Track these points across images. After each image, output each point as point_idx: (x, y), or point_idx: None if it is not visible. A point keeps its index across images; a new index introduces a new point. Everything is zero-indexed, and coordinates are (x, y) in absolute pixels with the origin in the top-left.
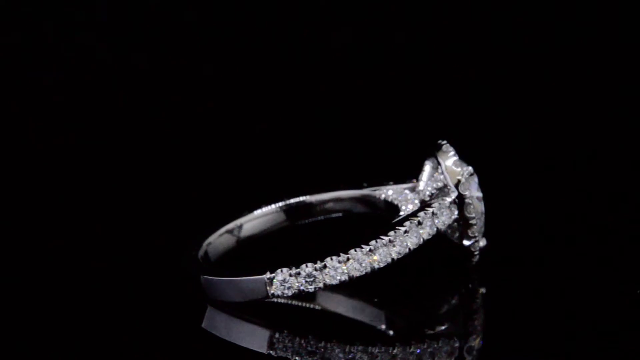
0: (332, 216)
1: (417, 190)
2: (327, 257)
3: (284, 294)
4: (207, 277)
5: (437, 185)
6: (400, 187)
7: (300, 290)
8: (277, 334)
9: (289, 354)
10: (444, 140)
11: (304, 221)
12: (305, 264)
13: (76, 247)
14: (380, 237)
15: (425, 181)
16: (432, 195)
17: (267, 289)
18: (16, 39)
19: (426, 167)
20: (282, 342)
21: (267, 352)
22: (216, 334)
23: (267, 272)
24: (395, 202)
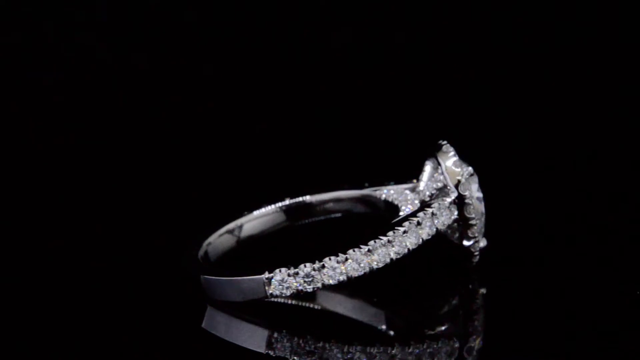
0: (332, 216)
1: (417, 190)
2: (326, 257)
3: (283, 294)
4: (206, 277)
5: (437, 185)
6: (400, 187)
7: (298, 290)
8: (275, 333)
9: (287, 354)
10: (444, 140)
11: (304, 221)
12: (303, 264)
13: (76, 247)
14: (379, 237)
15: (425, 181)
16: (432, 195)
17: (266, 289)
18: (16, 39)
19: (426, 167)
20: (281, 341)
21: (266, 351)
22: (216, 333)
23: (265, 272)
24: (395, 202)
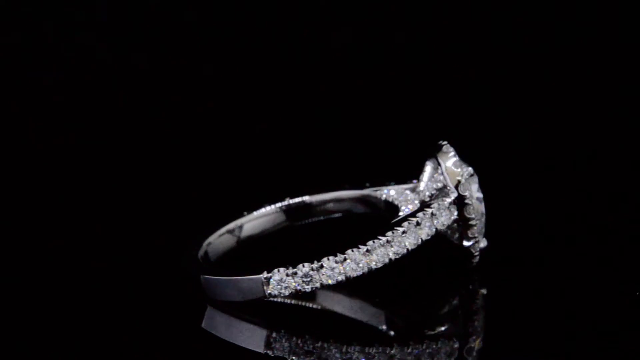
0: (332, 216)
1: (417, 190)
2: (325, 258)
3: (282, 294)
4: (206, 276)
5: (437, 185)
6: (401, 188)
7: (297, 290)
8: (274, 333)
9: (286, 354)
10: (445, 140)
11: (304, 221)
12: (302, 264)
13: (76, 247)
14: (377, 237)
15: (425, 182)
16: (432, 195)
17: (264, 289)
18: (16, 39)
19: (427, 167)
20: (279, 341)
21: (264, 351)
22: (215, 333)
23: (264, 272)
24: (395, 202)
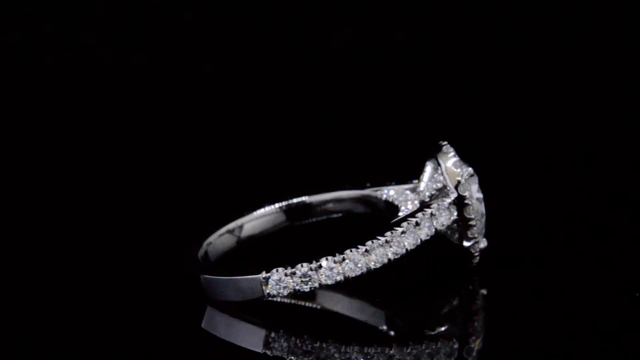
0: (332, 217)
1: (417, 191)
2: (323, 258)
3: (280, 294)
4: (206, 276)
5: (437, 186)
6: (401, 188)
7: (295, 290)
8: (273, 333)
9: (284, 354)
10: (445, 140)
11: (304, 221)
12: (300, 264)
13: (76, 247)
14: (376, 237)
15: (426, 182)
16: (432, 196)
17: (263, 289)
18: (16, 39)
19: (427, 167)
20: (278, 341)
21: (263, 351)
22: (215, 333)
23: (263, 271)
24: (395, 202)
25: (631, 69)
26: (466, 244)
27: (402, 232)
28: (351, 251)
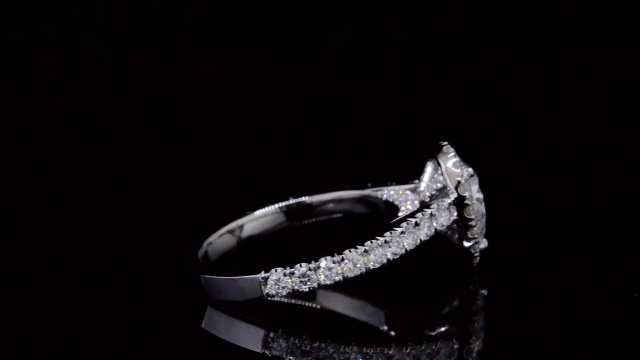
0: (333, 217)
1: (417, 191)
2: (322, 257)
3: (279, 294)
4: (205, 276)
5: (437, 186)
6: (401, 188)
7: (294, 289)
8: (271, 333)
9: (283, 354)
10: (445, 141)
11: (305, 222)
12: (299, 264)
13: (76, 247)
14: (375, 237)
15: (426, 182)
16: (432, 196)
17: (262, 288)
18: (16, 39)
19: (428, 168)
20: (277, 341)
21: (262, 351)
22: (215, 333)
23: (261, 271)
24: (396, 202)
25: (631, 69)
26: (466, 244)
27: (402, 233)
28: (350, 251)
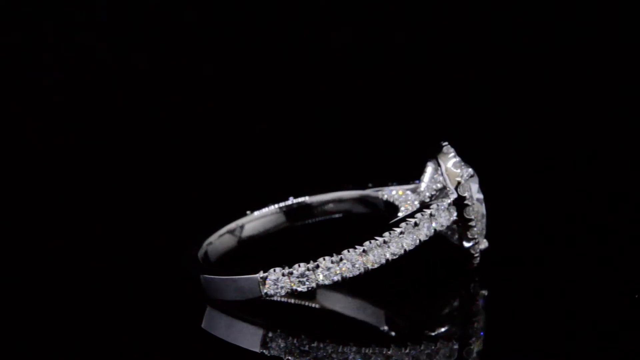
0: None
1: (418, 191)
2: (320, 257)
3: (278, 294)
4: (205, 276)
5: (437, 186)
6: (402, 188)
7: (292, 290)
8: (270, 333)
9: (281, 354)
10: (446, 141)
11: (305, 222)
12: (298, 264)
13: (76, 247)
14: (374, 238)
15: (426, 182)
16: (432, 196)
17: (260, 288)
18: (16, 39)
19: (428, 168)
20: (275, 341)
21: (260, 351)
22: (214, 333)
23: (260, 271)
24: (396, 202)
25: (631, 69)
26: (466, 244)
27: (401, 233)
28: (349, 251)
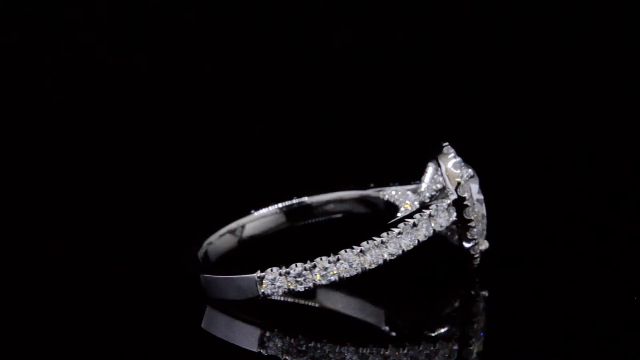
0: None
1: (418, 191)
2: (318, 257)
3: (275, 293)
4: (204, 275)
5: (437, 187)
6: (403, 189)
7: (290, 289)
8: (267, 332)
9: (279, 353)
10: (446, 142)
11: (306, 222)
12: (295, 264)
13: (76, 247)
14: (372, 238)
15: (427, 183)
16: (432, 197)
17: (258, 288)
18: (16, 39)
19: (429, 168)
20: (273, 340)
21: (258, 350)
22: (213, 333)
23: (257, 271)
24: (396, 203)
25: (631, 69)
26: (466, 245)
27: (399, 233)
28: (346, 251)
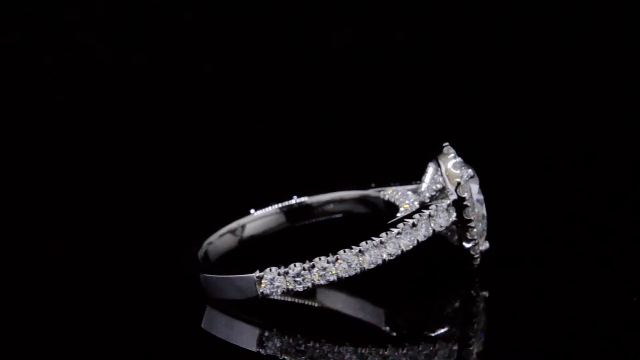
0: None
1: (418, 192)
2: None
3: (274, 293)
4: (204, 275)
5: (437, 187)
6: (403, 189)
7: (288, 289)
8: (266, 332)
9: (278, 353)
10: (446, 142)
11: (306, 222)
12: (294, 264)
13: (76, 247)
14: (371, 238)
15: (427, 183)
16: (432, 197)
17: (257, 288)
18: (16, 39)
19: (429, 169)
20: (272, 340)
21: (257, 350)
22: (214, 333)
23: (256, 270)
24: (397, 203)
25: (631, 69)
26: (466, 245)
27: (398, 234)
28: (345, 252)
